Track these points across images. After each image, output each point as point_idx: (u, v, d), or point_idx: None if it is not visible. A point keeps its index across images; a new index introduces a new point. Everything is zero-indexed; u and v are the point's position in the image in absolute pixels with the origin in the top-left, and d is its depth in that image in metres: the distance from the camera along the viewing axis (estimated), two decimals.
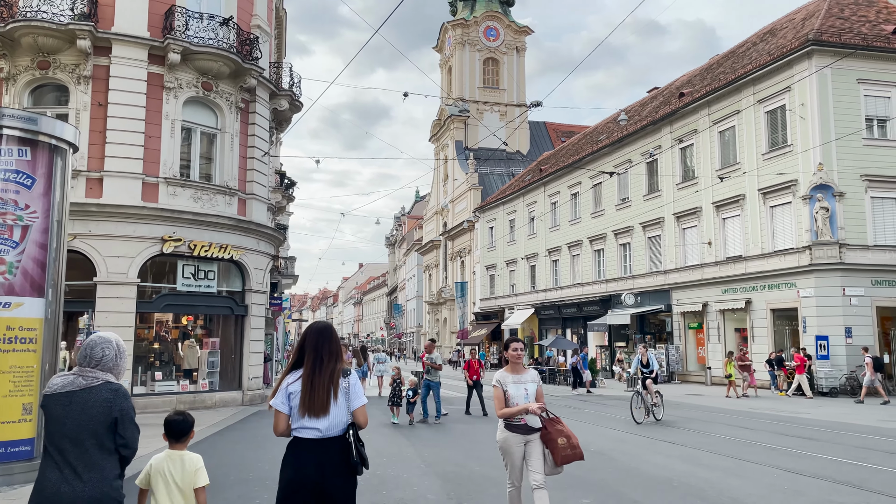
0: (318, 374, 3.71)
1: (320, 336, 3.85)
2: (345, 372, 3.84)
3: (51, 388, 3.19)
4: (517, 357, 5.73)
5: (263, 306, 18.25)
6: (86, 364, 3.23)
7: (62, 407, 3.12)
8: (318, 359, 3.76)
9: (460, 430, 13.77)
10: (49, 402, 3.16)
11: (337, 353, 3.87)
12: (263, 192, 18.17)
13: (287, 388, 3.73)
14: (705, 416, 16.79)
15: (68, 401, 3.12)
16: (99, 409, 3.10)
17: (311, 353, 3.78)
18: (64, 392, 3.14)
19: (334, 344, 3.89)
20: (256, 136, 17.77)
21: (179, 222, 15.79)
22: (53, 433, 3.13)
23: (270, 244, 18.49)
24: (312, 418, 3.65)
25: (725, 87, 29.40)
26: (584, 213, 40.90)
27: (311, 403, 3.65)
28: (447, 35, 70.95)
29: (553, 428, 5.52)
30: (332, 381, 3.72)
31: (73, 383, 3.16)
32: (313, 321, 4.11)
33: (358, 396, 3.81)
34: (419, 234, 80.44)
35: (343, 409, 3.73)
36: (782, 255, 26.46)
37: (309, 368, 3.74)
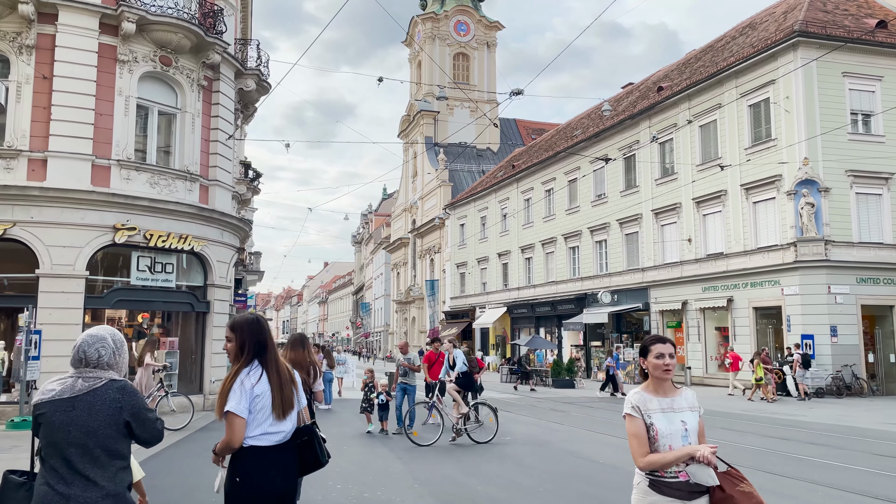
0: (279, 369, 3.42)
1: (263, 328, 3.49)
2: None
3: (48, 394, 2.96)
4: (667, 370, 3.43)
5: (227, 303, 16.79)
6: (82, 366, 3.01)
7: (64, 413, 2.90)
8: (273, 352, 3.44)
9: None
10: (48, 409, 2.93)
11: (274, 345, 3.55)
12: (228, 178, 16.71)
13: (252, 391, 3.27)
14: None
15: (71, 406, 2.91)
16: (108, 411, 2.92)
17: (267, 345, 3.43)
18: (65, 398, 2.92)
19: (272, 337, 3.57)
20: (220, 118, 16.30)
21: (134, 209, 14.27)
22: (57, 443, 2.90)
23: (235, 235, 17.03)
24: (280, 421, 3.33)
25: (707, 81, 28.73)
26: (558, 210, 40.03)
27: (284, 402, 3.35)
28: (417, 29, 69.65)
29: (734, 489, 3.26)
30: (292, 377, 3.48)
31: (74, 387, 2.94)
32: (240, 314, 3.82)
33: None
34: (387, 232, 78.99)
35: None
36: (766, 252, 25.84)
37: (271, 365, 3.39)
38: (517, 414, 16.63)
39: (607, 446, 11.18)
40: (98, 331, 3.10)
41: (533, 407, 18.41)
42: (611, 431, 13.19)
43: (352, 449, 11.13)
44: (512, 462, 9.62)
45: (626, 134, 34.31)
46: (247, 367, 3.34)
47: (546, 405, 18.75)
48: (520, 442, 11.49)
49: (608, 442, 11.70)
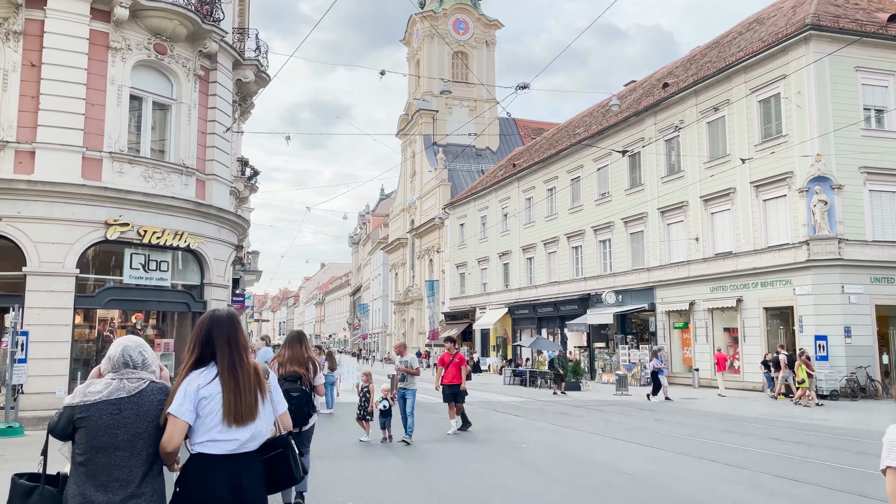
0: (238, 372, 3.06)
1: (231, 326, 3.17)
2: (265, 371, 3.23)
3: (93, 396, 2.90)
4: None
5: (225, 303, 16.07)
6: (126, 369, 2.98)
7: (111, 416, 2.85)
8: (235, 353, 3.10)
9: (464, 447, 11.86)
10: (93, 412, 2.85)
11: (246, 345, 3.23)
12: (225, 173, 16.00)
13: (198, 392, 2.99)
14: (725, 424, 15.21)
15: (118, 409, 2.87)
16: (155, 412, 2.92)
17: (225, 346, 3.10)
18: (112, 399, 2.88)
19: (244, 336, 3.25)
20: (218, 110, 15.59)
21: (127, 204, 13.55)
22: (103, 447, 2.84)
23: (233, 232, 16.32)
24: (234, 427, 3.00)
25: (715, 76, 28.11)
26: (560, 209, 39.38)
27: (238, 409, 3.00)
28: (415, 27, 68.99)
29: None
30: (255, 380, 3.11)
31: (121, 388, 2.91)
32: (211, 309, 3.38)
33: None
34: (385, 233, 78.28)
35: (269, 416, 3.16)
36: (777, 251, 25.22)
37: (228, 366, 3.06)
38: (527, 418, 15.95)
39: (631, 455, 10.50)
40: (134, 338, 3.13)
41: (541, 411, 17.73)
42: (632, 438, 12.50)
43: (360, 459, 10.45)
44: (535, 473, 8.94)
45: (630, 131, 33.69)
46: (201, 367, 3.07)
47: (555, 409, 18.07)
48: (539, 451, 10.80)
49: (631, 450, 11.01)
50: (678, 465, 9.70)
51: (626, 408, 18.74)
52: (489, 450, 11.02)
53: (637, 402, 21.23)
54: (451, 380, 13.19)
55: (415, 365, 12.38)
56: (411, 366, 12.31)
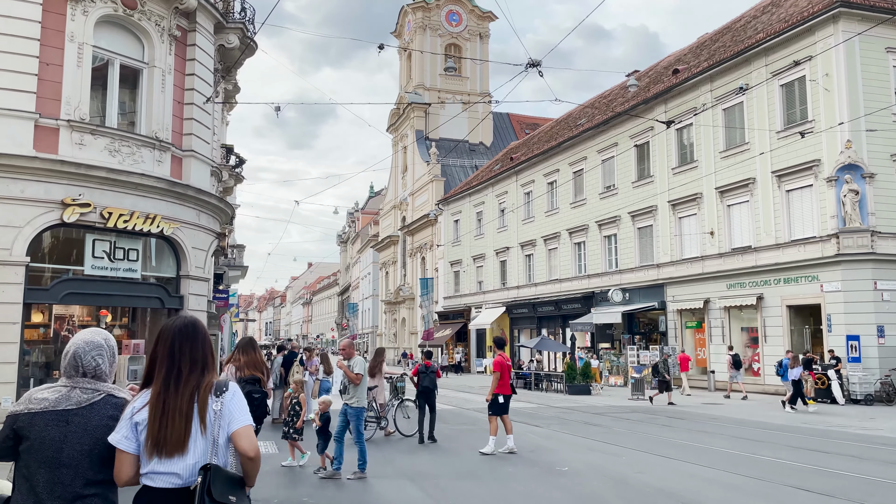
0: (171, 394, 2.60)
1: (178, 337, 2.69)
2: (218, 387, 2.67)
3: (38, 404, 2.60)
4: None
5: (205, 298, 14.08)
6: (78, 375, 2.66)
7: (57, 428, 2.55)
8: (174, 370, 2.64)
9: (495, 472, 9.96)
10: (38, 422, 2.56)
11: (203, 361, 2.71)
12: (206, 149, 14.01)
13: (132, 417, 2.60)
14: (777, 437, 13.43)
15: (65, 420, 2.57)
16: (104, 430, 2.59)
17: (165, 362, 2.65)
18: (59, 410, 2.58)
19: (200, 348, 2.72)
20: (197, 77, 13.60)
21: (88, 181, 11.56)
22: (46, 461, 2.55)
23: (215, 218, 14.33)
24: (164, 459, 2.54)
25: (732, 59, 26.39)
26: (562, 203, 37.61)
27: (160, 437, 2.55)
28: (406, 19, 67.02)
29: None
30: (191, 403, 2.61)
31: (70, 398, 2.61)
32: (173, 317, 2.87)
33: (235, 415, 2.64)
34: (375, 230, 76.21)
35: (207, 444, 2.58)
36: (802, 245, 23.54)
37: (159, 387, 2.61)
38: (549, 429, 14.09)
39: (704, 482, 8.63)
40: (92, 336, 2.74)
41: (561, 420, 15.87)
42: (686, 456, 10.65)
43: (371, 482, 8.55)
44: None
45: (638, 120, 31.91)
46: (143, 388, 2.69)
47: (575, 416, 16.22)
48: (589, 476, 8.87)
49: (696, 474, 9.14)
50: (766, 495, 7.87)
51: (652, 416, 16.92)
52: (527, 474, 9.11)
53: (659, 408, 19.43)
54: (505, 388, 11.22)
55: (356, 369, 9.35)
56: (352, 369, 9.34)
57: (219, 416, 2.63)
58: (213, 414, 2.63)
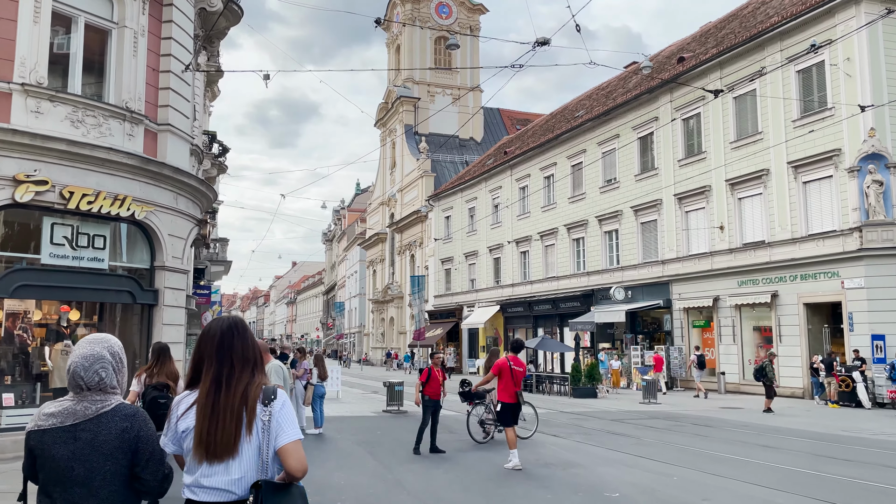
0: (222, 392, 2.41)
1: (227, 336, 2.52)
2: (266, 395, 2.45)
3: (45, 421, 2.45)
4: None
5: (184, 293, 12.44)
6: (83, 392, 2.48)
7: (65, 445, 2.40)
8: (224, 367, 2.45)
9: (514, 487, 8.45)
10: (47, 440, 2.42)
11: (255, 360, 2.52)
12: (185, 124, 12.37)
13: (177, 424, 2.44)
14: (825, 448, 12.06)
15: (72, 436, 2.41)
16: (115, 443, 2.43)
17: (213, 362, 2.46)
18: (67, 426, 2.41)
19: (249, 347, 2.53)
20: (174, 41, 11.98)
21: (46, 155, 9.90)
22: (58, 481, 2.41)
23: (195, 203, 12.70)
24: (215, 464, 2.34)
25: (744, 45, 25.10)
26: (560, 198, 36.21)
27: (210, 440, 2.35)
28: (395, 11, 65.40)
29: None
30: (243, 403, 2.40)
31: (76, 412, 2.44)
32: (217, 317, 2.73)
33: (284, 428, 2.41)
34: (362, 228, 74.50)
35: (256, 454, 2.38)
36: (820, 240, 22.29)
37: (208, 386, 2.42)
38: (572, 439, 12.61)
39: None
40: (92, 347, 2.53)
41: (577, 427, 14.39)
42: (741, 474, 9.17)
43: None
44: None
45: (641, 111, 30.63)
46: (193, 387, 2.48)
47: (593, 424, 14.76)
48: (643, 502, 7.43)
49: (766, 498, 7.71)
50: None
51: (675, 423, 15.53)
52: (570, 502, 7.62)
53: (676, 413, 18.07)
54: (505, 395, 9.79)
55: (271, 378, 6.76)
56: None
57: (268, 428, 2.39)
58: (262, 424, 2.40)
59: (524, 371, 10.23)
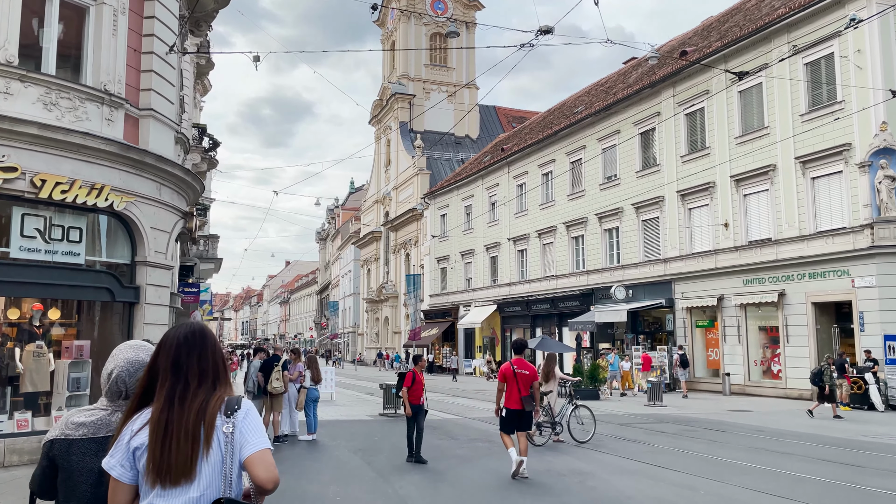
0: (175, 411, 2.19)
1: (184, 345, 2.28)
2: (229, 405, 2.23)
3: (76, 430, 2.29)
4: None
5: (167, 290, 11.65)
6: (121, 399, 2.37)
7: (95, 458, 2.23)
8: (179, 384, 2.24)
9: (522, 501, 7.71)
10: (75, 451, 2.27)
11: (214, 373, 2.29)
12: (169, 110, 11.57)
13: (130, 441, 2.20)
14: (867, 459, 11.37)
15: (104, 448, 2.22)
16: None
17: (169, 374, 2.24)
18: (99, 437, 2.27)
19: (209, 357, 2.30)
20: (158, 20, 11.19)
21: (16, 139, 9.11)
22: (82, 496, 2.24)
23: (180, 194, 11.90)
24: (169, 488, 2.13)
25: (750, 37, 24.44)
26: (558, 195, 35.51)
27: (163, 462, 2.13)
28: (390, 7, 64.60)
29: None
30: (199, 422, 2.19)
31: (110, 423, 2.31)
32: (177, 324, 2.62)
33: (249, 438, 2.19)
34: (356, 227, 73.66)
35: (218, 470, 2.16)
36: (829, 237, 21.65)
37: (161, 404, 2.21)
38: (584, 446, 11.87)
39: None
40: (136, 353, 2.43)
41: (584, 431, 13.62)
42: (772, 486, 8.45)
43: None
44: None
45: (642, 106, 29.96)
46: (145, 405, 2.24)
47: (600, 429, 13.97)
48: None
49: None
50: None
51: (686, 427, 14.83)
52: None
53: (685, 416, 17.38)
54: (510, 401, 9.09)
55: None
56: None
57: (230, 441, 2.17)
58: (224, 437, 2.18)
59: (532, 373, 9.46)
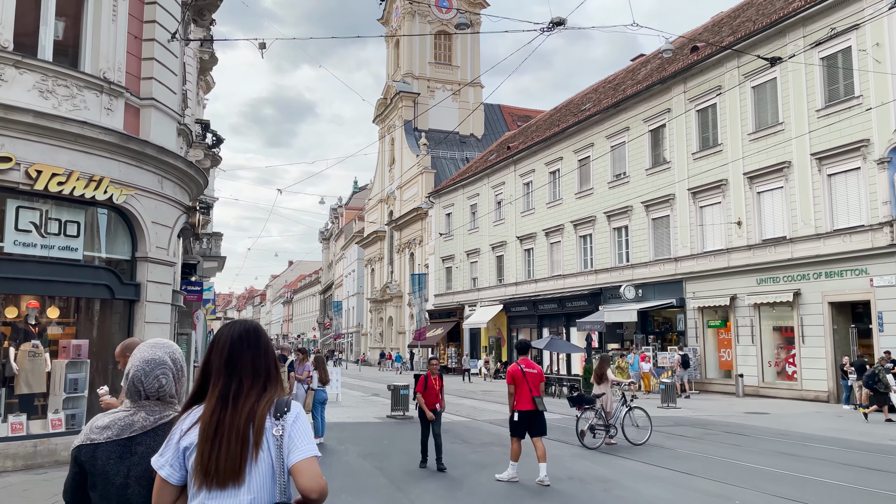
0: (227, 412, 2.11)
1: (238, 344, 2.21)
2: (278, 407, 2.15)
3: (101, 434, 2.22)
4: None
5: (170, 287, 11.20)
6: (142, 399, 2.29)
7: (120, 460, 2.19)
8: (232, 384, 2.15)
9: None
10: (101, 455, 2.20)
11: (267, 373, 2.22)
12: (171, 100, 11.13)
13: (180, 441, 2.12)
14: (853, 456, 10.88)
15: (128, 450, 2.21)
16: None
17: (221, 374, 2.17)
18: (123, 439, 2.21)
19: (262, 357, 2.23)
20: (159, 6, 10.72)
21: (11, 128, 8.67)
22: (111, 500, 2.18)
23: (182, 187, 11.45)
24: (216, 490, 2.05)
25: (764, 31, 23.93)
26: (566, 194, 35.02)
27: (211, 465, 2.05)
28: (394, 5, 64.24)
29: None
30: (249, 423, 2.11)
31: (133, 424, 2.24)
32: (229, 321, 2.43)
33: (297, 444, 2.12)
34: (360, 226, 73.22)
35: (269, 474, 2.10)
36: (846, 235, 21.14)
37: (213, 403, 2.13)
38: (598, 449, 11.39)
39: None
40: (153, 352, 2.33)
41: None
42: (809, 496, 8.02)
43: None
44: None
45: (652, 102, 29.47)
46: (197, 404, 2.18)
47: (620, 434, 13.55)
48: None
49: None
50: None
51: (705, 431, 14.36)
52: None
53: (701, 419, 16.89)
54: (522, 403, 8.71)
55: None
56: None
57: (280, 444, 2.11)
58: (274, 440, 2.11)
59: (540, 373, 9.19)
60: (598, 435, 11.94)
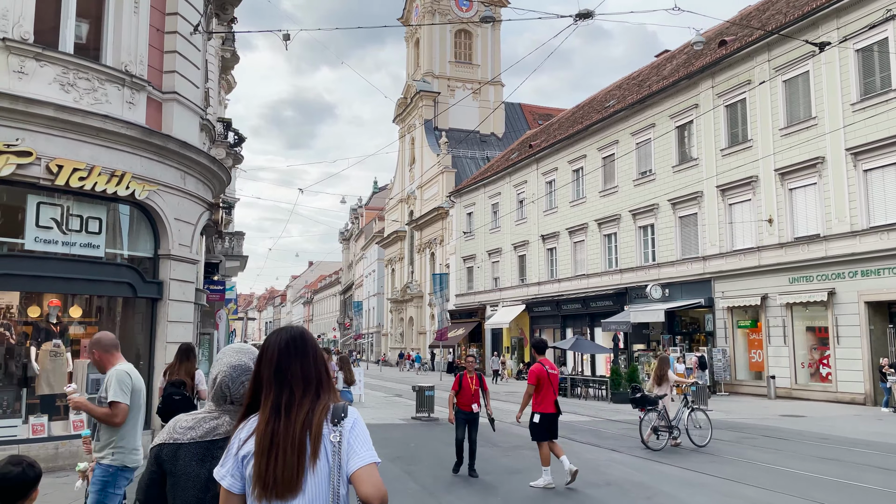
0: (281, 422, 2.07)
1: (286, 353, 2.15)
2: (335, 414, 2.10)
3: (184, 434, 2.21)
4: None
5: (192, 286, 10.98)
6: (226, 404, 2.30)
7: (202, 463, 2.17)
8: (283, 394, 2.11)
9: None
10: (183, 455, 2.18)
11: (318, 380, 2.16)
12: (194, 94, 10.91)
13: (238, 451, 2.08)
14: None
15: (210, 454, 2.17)
16: None
17: (272, 385, 2.12)
18: (206, 441, 2.19)
19: (312, 364, 2.17)
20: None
21: (31, 122, 8.49)
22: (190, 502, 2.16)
23: (205, 184, 11.23)
24: (275, 501, 2.02)
25: (797, 23, 23.28)
26: (590, 192, 34.50)
27: (269, 477, 2.01)
28: (414, 4, 64.03)
29: None
30: (305, 432, 2.06)
31: (217, 427, 2.23)
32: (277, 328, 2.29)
33: (357, 450, 2.07)
34: (380, 226, 73.10)
35: (325, 483, 2.04)
36: (884, 233, 20.47)
37: (267, 415, 2.08)
38: (634, 454, 10.99)
39: None
40: (239, 357, 2.34)
41: (636, 441, 12.72)
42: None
43: None
44: None
45: (679, 98, 28.89)
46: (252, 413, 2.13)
47: None
48: None
49: None
50: None
51: (743, 435, 13.88)
52: None
53: (735, 421, 16.38)
54: (546, 405, 8.39)
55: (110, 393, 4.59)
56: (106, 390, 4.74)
57: (338, 451, 2.07)
58: (331, 447, 2.07)
59: (558, 374, 8.91)
60: (661, 436, 11.79)
